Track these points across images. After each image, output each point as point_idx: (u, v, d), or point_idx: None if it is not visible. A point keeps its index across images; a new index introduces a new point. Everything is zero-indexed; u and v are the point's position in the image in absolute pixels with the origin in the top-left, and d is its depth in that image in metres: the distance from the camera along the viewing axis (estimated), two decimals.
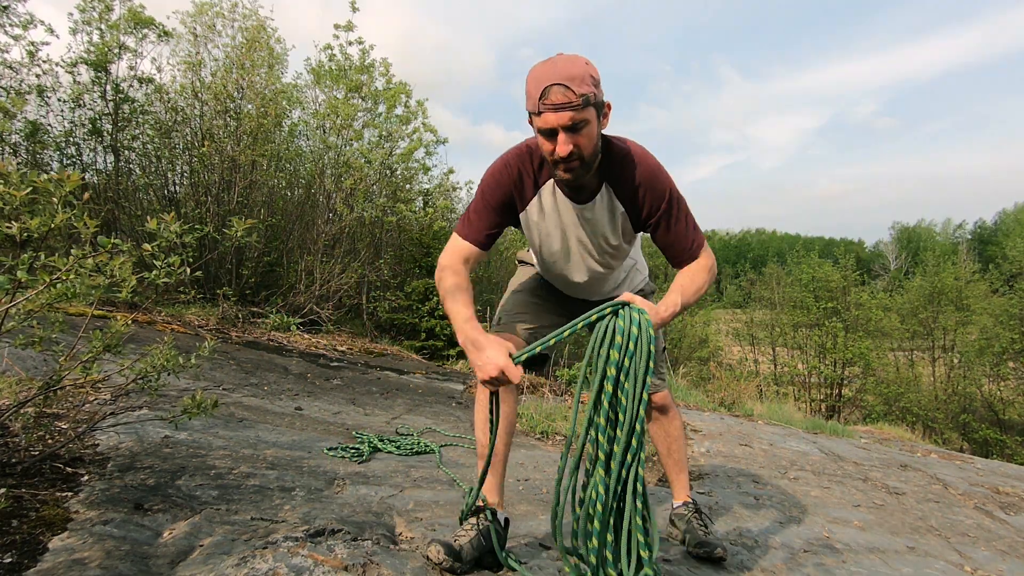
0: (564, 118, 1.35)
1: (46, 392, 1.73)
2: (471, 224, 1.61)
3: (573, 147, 1.38)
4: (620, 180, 1.55)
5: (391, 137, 8.45)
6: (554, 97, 1.34)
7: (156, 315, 5.16)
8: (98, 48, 5.97)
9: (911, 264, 50.41)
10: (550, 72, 1.35)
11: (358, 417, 3.50)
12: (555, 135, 1.38)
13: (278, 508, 1.77)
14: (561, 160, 1.41)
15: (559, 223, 1.63)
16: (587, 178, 1.51)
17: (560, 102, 1.34)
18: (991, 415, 12.97)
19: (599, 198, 1.57)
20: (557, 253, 1.69)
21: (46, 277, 1.39)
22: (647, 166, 1.54)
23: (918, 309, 16.25)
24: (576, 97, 1.34)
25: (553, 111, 1.35)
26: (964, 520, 2.82)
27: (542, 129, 1.40)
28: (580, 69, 1.36)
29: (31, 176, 1.33)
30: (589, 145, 1.41)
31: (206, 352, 2.01)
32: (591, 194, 1.57)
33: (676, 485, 2.03)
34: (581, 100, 1.34)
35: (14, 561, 1.26)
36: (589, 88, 1.36)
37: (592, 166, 1.48)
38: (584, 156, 1.42)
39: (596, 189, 1.57)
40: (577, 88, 1.34)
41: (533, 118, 1.41)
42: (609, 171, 1.55)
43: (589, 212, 1.59)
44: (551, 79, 1.34)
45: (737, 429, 4.58)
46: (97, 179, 6.35)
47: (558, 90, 1.33)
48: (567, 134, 1.37)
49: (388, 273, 8.37)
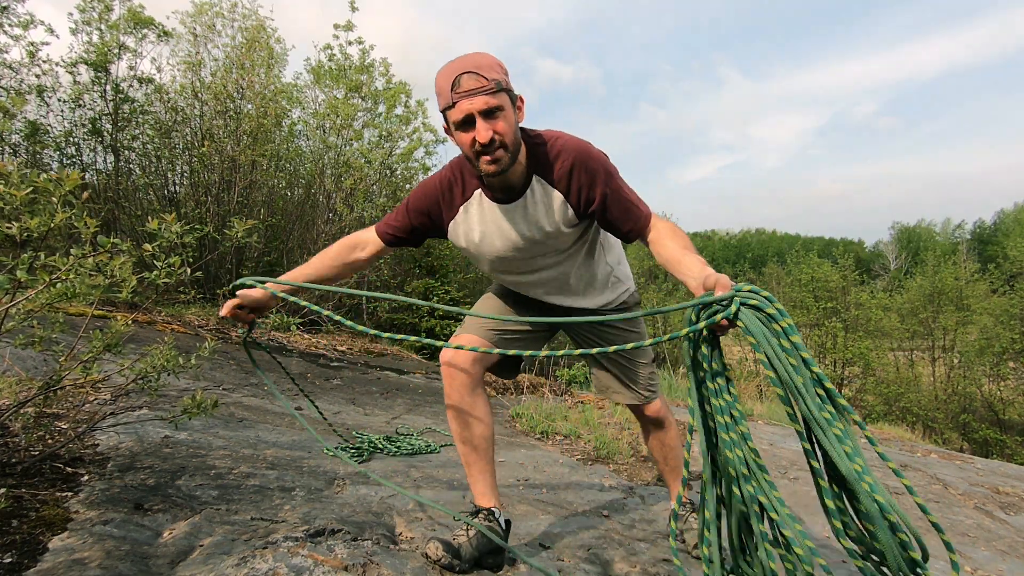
0: (478, 103, 1.33)
1: (46, 392, 1.73)
2: (385, 219, 1.68)
3: (493, 132, 1.35)
4: (549, 168, 1.50)
5: (391, 137, 8.45)
6: (466, 84, 1.32)
7: (156, 315, 5.16)
8: (98, 48, 5.97)
9: (911, 264, 50.42)
10: (458, 64, 1.35)
11: (358, 417, 3.50)
12: (472, 123, 1.35)
13: (278, 508, 1.77)
14: (483, 148, 1.36)
15: (497, 227, 1.57)
16: (514, 174, 1.47)
17: (472, 87, 1.32)
18: (991, 415, 12.96)
19: (530, 192, 1.52)
20: (499, 256, 1.63)
21: (46, 277, 1.39)
22: (575, 148, 1.49)
23: (918, 309, 16.24)
24: (488, 82, 1.33)
25: (466, 97, 1.33)
26: (964, 520, 2.82)
27: (458, 121, 1.36)
28: (488, 59, 1.36)
29: (31, 176, 1.33)
30: (509, 131, 1.38)
31: (206, 352, 2.01)
32: (520, 191, 1.52)
33: (673, 489, 2.03)
34: (493, 84, 1.33)
35: (14, 561, 1.26)
36: (500, 75, 1.36)
37: (516, 155, 1.43)
38: (507, 142, 1.38)
39: (526, 183, 1.52)
40: (487, 74, 1.33)
41: (448, 114, 1.38)
42: (536, 164, 1.50)
43: (521, 211, 1.53)
44: (461, 69, 1.34)
45: None
46: (97, 179, 6.35)
47: (468, 77, 1.33)
48: (484, 120, 1.34)
49: (388, 273, 8.38)
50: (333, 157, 7.91)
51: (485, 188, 1.55)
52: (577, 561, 1.75)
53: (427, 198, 1.60)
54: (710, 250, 56.55)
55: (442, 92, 1.37)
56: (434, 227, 1.64)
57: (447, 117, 1.39)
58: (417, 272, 8.79)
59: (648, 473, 3.07)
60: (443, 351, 1.62)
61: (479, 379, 1.66)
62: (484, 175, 1.44)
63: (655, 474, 3.07)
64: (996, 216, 67.69)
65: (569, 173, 1.48)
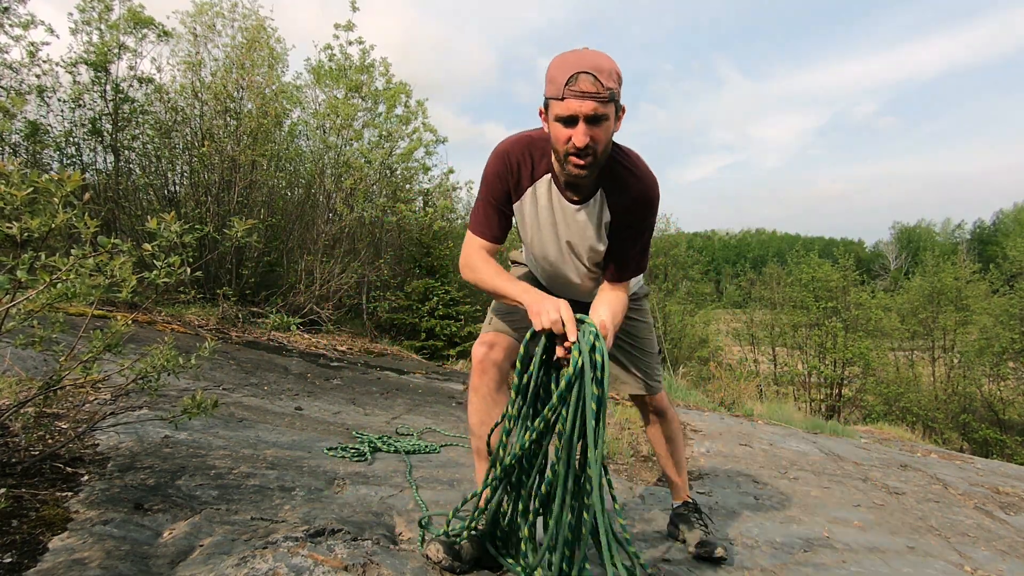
0: (588, 107, 1.31)
1: (46, 392, 1.73)
2: (481, 222, 1.62)
3: (590, 139, 1.35)
4: (617, 189, 1.52)
5: (391, 137, 8.45)
6: (582, 85, 1.30)
7: (156, 315, 5.16)
8: (98, 48, 5.97)
9: (911, 264, 50.42)
10: (579, 60, 1.32)
11: (358, 417, 3.50)
12: (575, 123, 1.34)
13: (278, 508, 1.77)
14: (577, 151, 1.36)
15: (552, 220, 1.60)
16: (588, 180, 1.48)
17: (588, 91, 1.30)
18: (991, 415, 12.96)
19: (592, 202, 1.54)
20: (549, 249, 1.66)
21: (46, 277, 1.39)
22: (647, 183, 1.52)
23: (918, 309, 16.24)
24: (603, 89, 1.31)
25: (578, 98, 1.31)
26: (964, 520, 2.82)
27: (561, 116, 1.35)
28: (609, 64, 1.34)
29: (32, 176, 1.33)
30: (604, 141, 1.38)
31: (206, 352, 2.01)
32: (587, 197, 1.53)
33: (675, 486, 2.04)
34: (608, 93, 1.32)
35: (14, 561, 1.26)
36: (615, 84, 1.34)
37: (601, 165, 1.44)
38: (598, 151, 1.38)
39: (592, 193, 1.53)
40: (605, 81, 1.31)
41: (552, 104, 1.36)
42: (608, 179, 1.52)
43: (581, 215, 1.56)
44: (580, 66, 1.31)
45: (737, 429, 4.58)
46: (97, 179, 6.35)
47: (587, 79, 1.30)
48: (587, 125, 1.34)
49: (388, 273, 8.37)
50: (333, 157, 7.91)
51: (556, 175, 1.54)
52: None
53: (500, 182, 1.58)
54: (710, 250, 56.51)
55: (554, 81, 1.35)
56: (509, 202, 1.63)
57: (550, 106, 1.38)
58: (417, 272, 8.79)
59: (648, 473, 3.07)
60: (476, 346, 1.68)
61: (507, 375, 1.70)
62: (567, 174, 1.45)
63: (655, 474, 3.07)
64: (995, 216, 67.73)
65: (630, 202, 1.52)
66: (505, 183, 1.58)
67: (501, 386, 1.69)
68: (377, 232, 8.54)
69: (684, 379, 11.51)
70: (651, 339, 1.95)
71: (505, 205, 1.61)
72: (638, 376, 1.90)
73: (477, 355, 1.68)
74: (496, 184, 1.58)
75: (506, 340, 1.70)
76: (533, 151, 1.55)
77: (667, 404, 1.98)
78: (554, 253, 1.67)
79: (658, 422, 1.98)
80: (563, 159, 1.42)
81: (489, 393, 1.66)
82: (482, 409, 1.67)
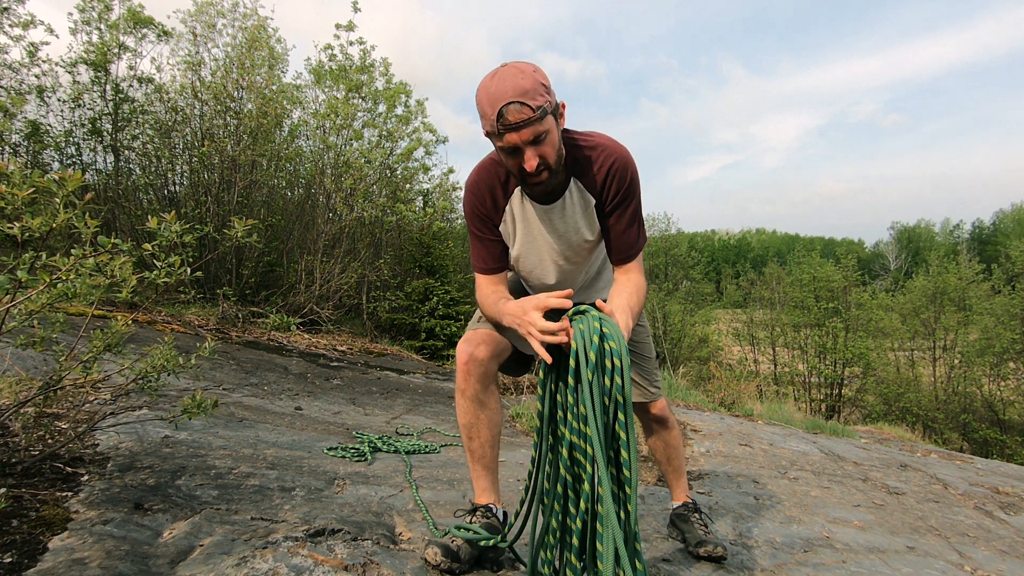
0: (526, 135, 1.34)
1: (46, 392, 1.73)
2: (476, 256, 1.65)
3: (539, 159, 1.38)
4: (587, 171, 1.53)
5: (391, 137, 8.45)
6: (511, 117, 1.31)
7: (156, 315, 5.16)
8: (98, 48, 5.97)
9: (911, 264, 50.41)
10: (501, 90, 1.32)
11: (358, 417, 3.50)
12: (519, 152, 1.38)
13: (278, 508, 1.77)
14: (529, 175, 1.41)
15: (529, 230, 1.61)
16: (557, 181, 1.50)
17: (519, 120, 1.32)
18: (991, 415, 12.96)
19: (567, 194, 1.55)
20: (532, 260, 1.66)
21: (47, 277, 1.39)
22: (611, 149, 1.52)
23: (920, 309, 16.24)
24: (533, 112, 1.32)
25: (514, 131, 1.33)
26: (964, 520, 2.82)
27: (505, 149, 1.39)
28: (530, 81, 1.33)
29: (33, 176, 1.33)
30: (553, 152, 1.41)
31: (206, 352, 2.01)
32: (558, 193, 1.55)
33: (675, 488, 2.03)
34: (539, 113, 1.33)
35: (14, 561, 1.26)
36: (543, 98, 1.34)
37: (559, 171, 1.47)
38: (550, 164, 1.41)
39: (563, 187, 1.55)
40: (532, 102, 1.31)
41: (493, 139, 1.40)
42: (575, 166, 1.54)
43: (559, 212, 1.57)
44: (504, 98, 1.31)
45: (737, 429, 4.58)
46: (97, 179, 6.35)
47: (514, 108, 1.31)
48: (531, 148, 1.36)
49: (388, 273, 8.38)
50: (333, 157, 7.91)
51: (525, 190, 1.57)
52: None
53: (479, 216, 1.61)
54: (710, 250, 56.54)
55: (486, 117, 1.36)
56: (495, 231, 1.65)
57: (492, 140, 1.42)
58: (417, 272, 8.79)
59: (648, 473, 3.07)
60: (460, 346, 1.66)
61: (494, 375, 1.68)
62: (531, 192, 1.49)
63: (655, 474, 3.07)
64: (995, 216, 67.72)
65: (605, 178, 1.52)
66: (483, 213, 1.61)
67: (489, 385, 1.66)
68: (377, 232, 8.54)
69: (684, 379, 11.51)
70: (648, 343, 1.92)
71: (492, 233, 1.63)
72: (638, 384, 1.86)
73: (461, 356, 1.64)
74: (476, 218, 1.62)
75: (492, 338, 1.67)
76: (499, 172, 1.58)
77: (668, 411, 1.94)
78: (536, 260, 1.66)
79: (659, 431, 1.94)
80: (522, 183, 1.48)
81: (476, 394, 1.64)
82: (470, 411, 1.65)
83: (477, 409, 1.65)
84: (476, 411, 1.65)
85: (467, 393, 1.65)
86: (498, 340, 1.68)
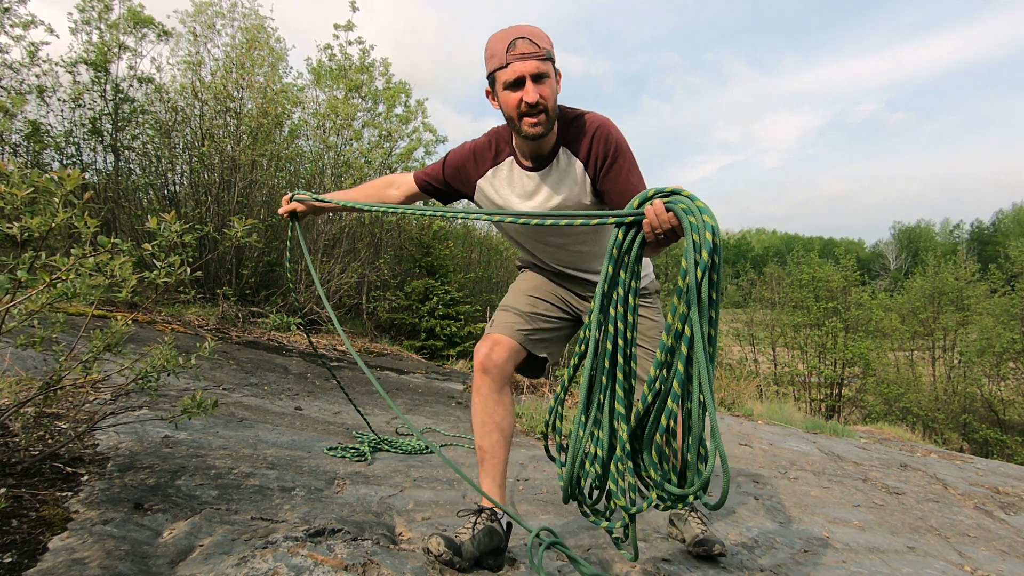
0: (531, 66, 1.46)
1: (46, 392, 1.73)
2: (423, 169, 1.83)
3: (539, 96, 1.47)
4: (576, 140, 1.61)
5: (391, 137, 8.45)
6: (521, 48, 1.45)
7: (156, 315, 5.16)
8: (98, 48, 5.97)
9: (911, 264, 50.38)
10: (513, 30, 1.48)
11: (358, 417, 3.50)
12: (522, 84, 1.47)
13: (278, 508, 1.77)
14: (529, 109, 1.48)
15: (514, 193, 1.69)
16: (546, 143, 1.58)
17: (528, 51, 1.45)
18: (991, 415, 12.95)
19: (556, 162, 1.63)
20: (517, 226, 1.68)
21: (46, 277, 1.39)
22: (598, 120, 1.61)
23: (919, 309, 16.23)
24: (541, 49, 1.46)
25: (521, 60, 1.45)
26: (964, 520, 2.82)
27: (508, 81, 1.47)
28: (540, 31, 1.49)
29: (32, 176, 1.33)
30: (551, 99, 1.50)
31: (206, 352, 2.01)
32: (548, 160, 1.63)
33: None
34: (545, 52, 1.47)
35: (14, 561, 1.26)
36: (549, 46, 1.49)
37: (554, 122, 1.55)
38: (549, 108, 1.50)
39: (553, 154, 1.63)
40: (540, 42, 1.47)
41: (498, 74, 1.49)
42: (565, 135, 1.62)
43: (547, 178, 1.64)
44: (516, 34, 1.47)
45: (737, 429, 4.58)
46: (97, 179, 6.35)
47: (523, 42, 1.46)
48: (534, 83, 1.46)
49: (388, 273, 8.38)
50: (333, 157, 7.91)
51: (517, 156, 1.66)
52: None
53: (461, 156, 1.74)
54: None
55: (496, 53, 1.49)
56: (463, 184, 1.77)
57: (496, 78, 1.51)
58: (417, 272, 8.79)
59: None
60: (478, 346, 1.72)
61: (509, 377, 1.71)
62: (525, 136, 1.54)
63: None
64: (994, 216, 67.72)
65: (590, 144, 1.59)
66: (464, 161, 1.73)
67: (503, 386, 1.69)
68: (377, 232, 8.54)
69: None
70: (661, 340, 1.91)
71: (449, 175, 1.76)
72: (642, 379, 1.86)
73: (479, 355, 1.69)
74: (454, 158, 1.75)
75: (509, 342, 1.71)
76: (498, 139, 1.70)
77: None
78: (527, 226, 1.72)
79: None
80: (519, 124, 1.53)
81: (491, 393, 1.67)
82: (483, 410, 1.68)
83: (492, 408, 1.67)
84: (490, 410, 1.67)
85: (481, 391, 1.68)
86: (514, 344, 1.72)
